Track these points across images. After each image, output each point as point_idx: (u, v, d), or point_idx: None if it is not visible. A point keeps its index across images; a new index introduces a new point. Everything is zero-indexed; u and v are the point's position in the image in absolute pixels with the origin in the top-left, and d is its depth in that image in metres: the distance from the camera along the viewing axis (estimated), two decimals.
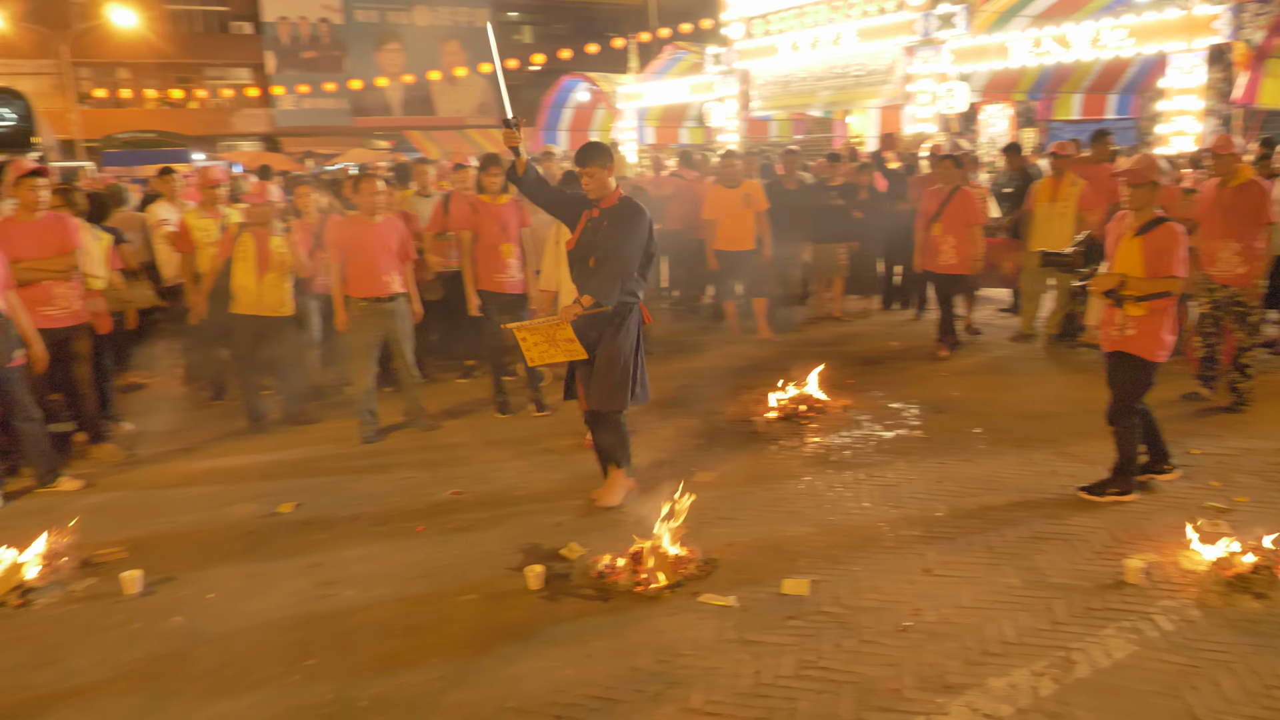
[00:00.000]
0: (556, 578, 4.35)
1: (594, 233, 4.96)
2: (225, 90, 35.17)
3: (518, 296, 6.92)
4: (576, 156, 5.08)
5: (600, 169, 4.94)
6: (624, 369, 5.03)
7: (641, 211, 4.97)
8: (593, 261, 4.95)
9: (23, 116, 16.48)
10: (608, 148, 5.10)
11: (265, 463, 6.22)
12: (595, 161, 4.93)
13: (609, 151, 5.03)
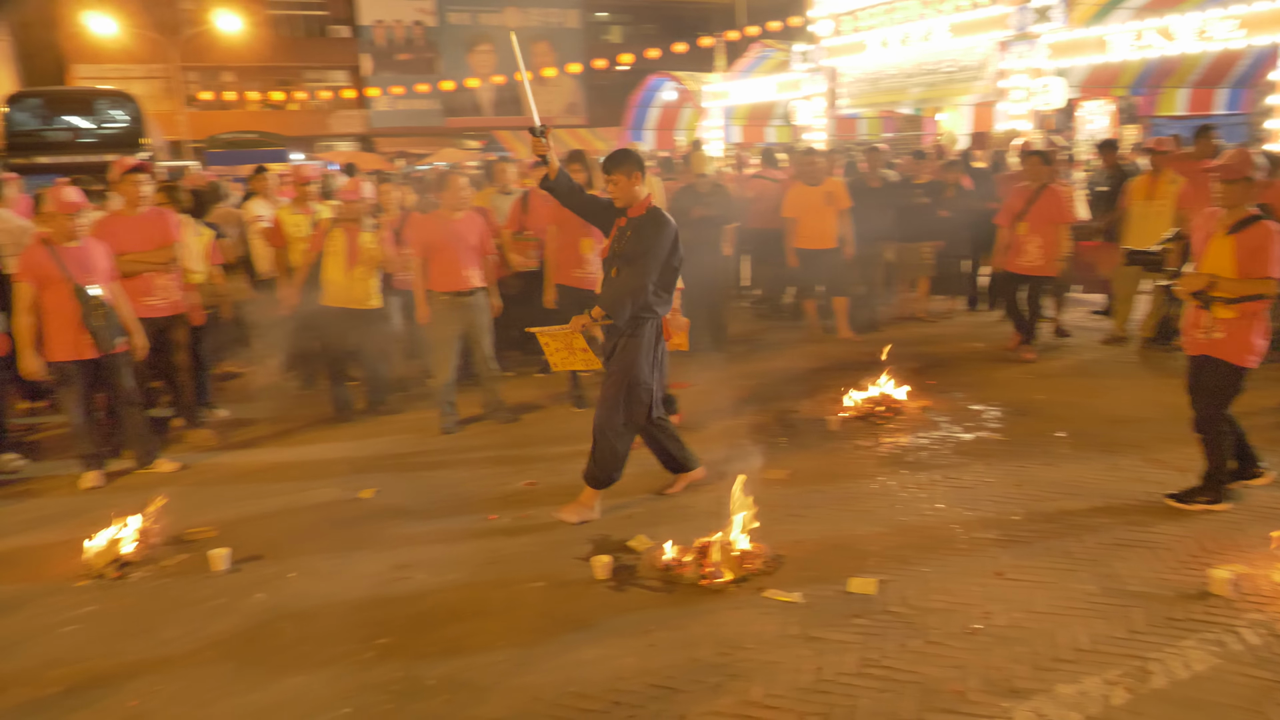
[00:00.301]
0: (623, 569, 4.40)
1: (619, 242, 4.89)
2: (323, 92, 36.34)
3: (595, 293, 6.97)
4: (604, 163, 4.96)
5: (625, 177, 4.81)
6: (629, 386, 4.92)
7: (664, 223, 4.82)
8: (614, 271, 4.90)
9: (134, 118, 17.35)
10: (635, 155, 4.93)
11: (349, 450, 6.43)
12: (620, 169, 4.82)
13: (636, 159, 4.90)
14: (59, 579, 4.52)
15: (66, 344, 5.68)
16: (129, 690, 3.55)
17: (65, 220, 5.65)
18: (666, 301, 4.98)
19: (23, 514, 5.46)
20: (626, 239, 4.85)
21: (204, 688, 3.57)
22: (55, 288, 5.62)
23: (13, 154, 16.02)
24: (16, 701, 3.52)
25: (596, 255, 6.92)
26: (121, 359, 5.88)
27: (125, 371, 5.92)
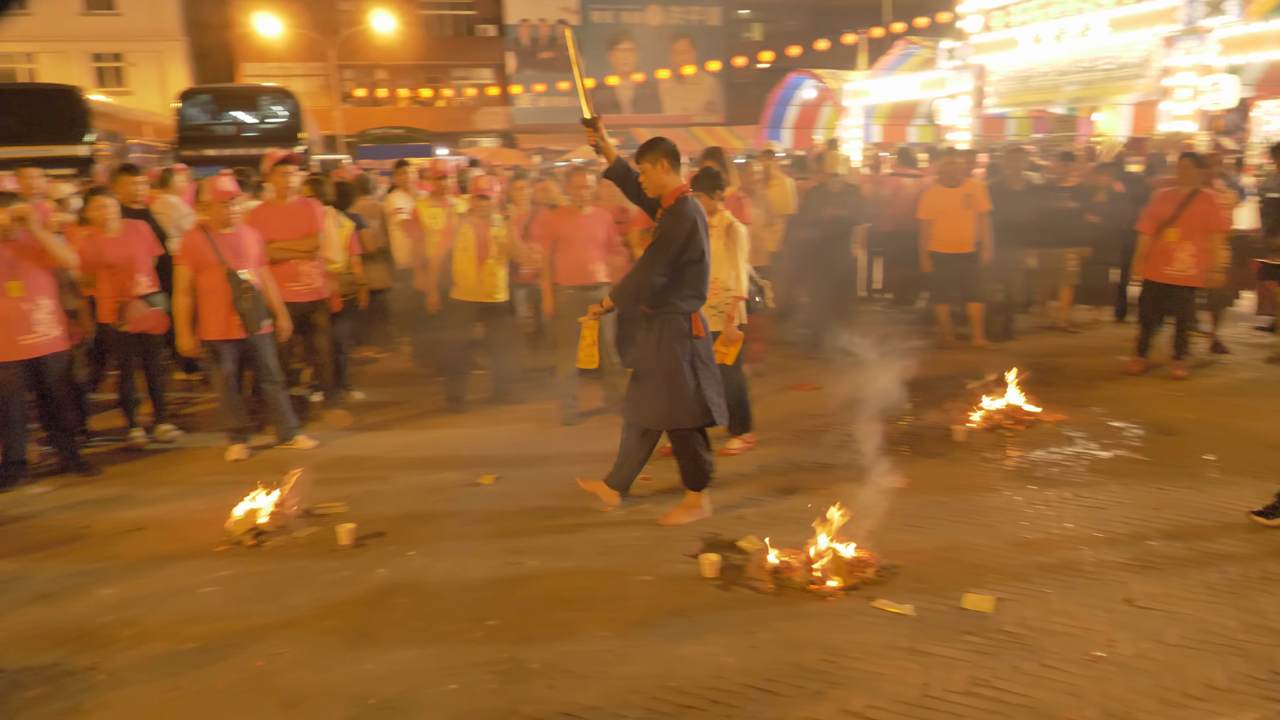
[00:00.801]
0: (731, 568, 4.38)
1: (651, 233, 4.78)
2: (469, 89, 37.48)
3: None
4: (635, 152, 4.83)
5: (651, 165, 4.68)
6: (664, 384, 4.79)
7: (680, 216, 4.64)
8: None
9: (293, 114, 18.37)
10: (667, 145, 4.74)
11: (472, 437, 6.63)
12: (646, 158, 4.69)
13: (666, 148, 4.71)
14: (203, 543, 4.84)
15: (219, 324, 6.08)
16: (256, 650, 3.77)
17: (220, 208, 6.04)
18: (691, 298, 4.79)
19: (174, 482, 5.87)
20: (655, 230, 4.77)
21: (323, 653, 3.75)
22: (210, 271, 6.01)
23: (183, 146, 17.24)
24: (158, 653, 3.78)
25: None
26: (267, 340, 6.24)
27: (270, 352, 6.28)
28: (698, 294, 4.80)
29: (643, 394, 4.91)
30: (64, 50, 32.82)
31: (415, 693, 3.46)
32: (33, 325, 5.68)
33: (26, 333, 5.66)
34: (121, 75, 33.98)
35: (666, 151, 4.69)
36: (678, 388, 4.79)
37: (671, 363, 4.79)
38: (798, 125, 26.30)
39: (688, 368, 4.79)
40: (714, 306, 5.77)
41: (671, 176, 4.73)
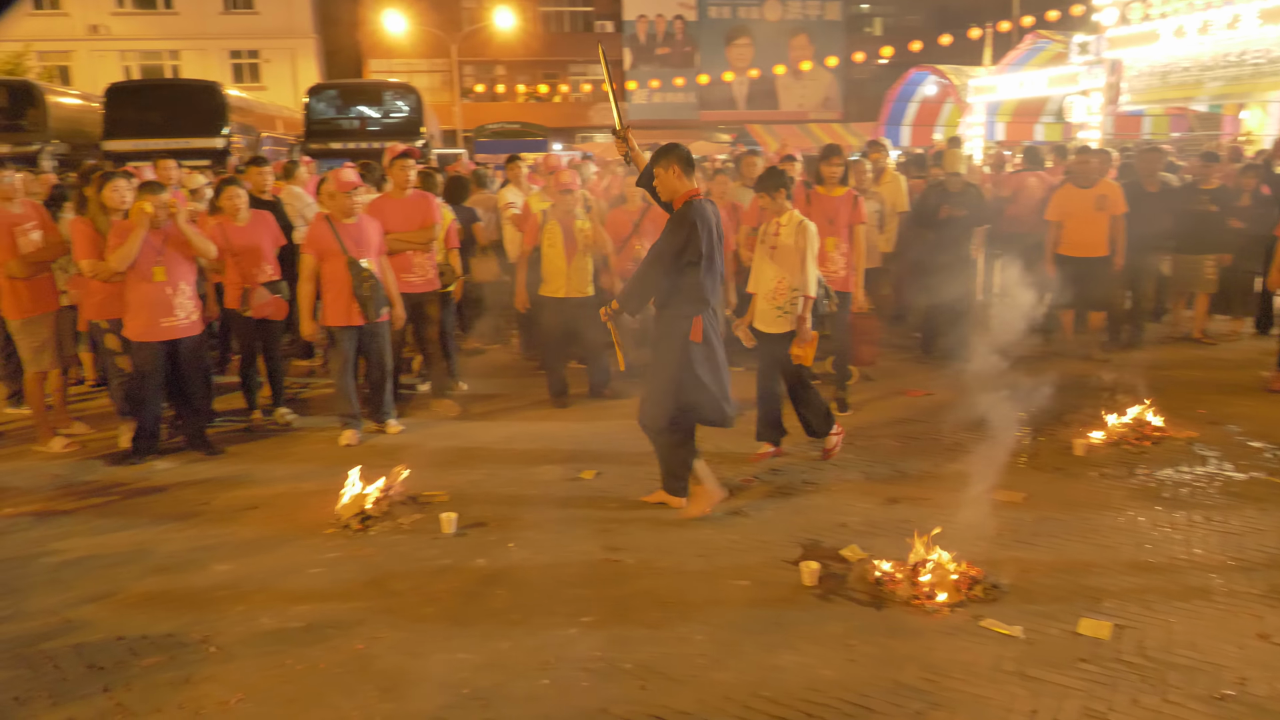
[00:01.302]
0: (832, 577, 4.26)
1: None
2: (585, 85, 37.87)
3: (839, 294, 6.74)
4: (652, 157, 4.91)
5: (664, 170, 4.79)
6: (662, 385, 4.88)
7: (681, 220, 4.71)
8: None
9: (414, 109, 18.88)
10: (679, 150, 4.84)
11: (575, 431, 6.66)
12: (660, 163, 4.80)
13: (678, 154, 4.80)
14: (312, 525, 4.99)
15: (339, 311, 6.29)
16: (358, 633, 3.86)
17: (344, 199, 6.23)
18: (693, 302, 4.81)
19: (289, 464, 6.08)
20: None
21: (421, 640, 3.81)
22: (333, 259, 6.22)
23: (310, 139, 17.93)
24: (266, 629, 3.92)
25: (841, 254, 6.72)
26: (383, 328, 6.42)
27: (384, 340, 6.46)
28: (699, 297, 4.82)
29: (646, 390, 5.09)
30: (205, 47, 34.62)
31: (508, 685, 3.48)
32: (174, 309, 5.98)
33: (167, 315, 5.96)
34: (257, 71, 35.63)
35: (679, 158, 4.81)
36: (659, 389, 4.92)
37: (662, 365, 4.91)
38: (917, 122, 25.59)
39: (677, 372, 4.85)
40: (781, 307, 5.73)
41: (683, 181, 4.82)
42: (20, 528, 5.08)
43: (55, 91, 19.32)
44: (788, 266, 5.67)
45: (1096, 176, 8.42)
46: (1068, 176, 8.79)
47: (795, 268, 5.63)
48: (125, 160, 11.70)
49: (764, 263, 5.80)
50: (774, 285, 5.73)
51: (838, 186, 6.71)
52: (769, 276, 5.75)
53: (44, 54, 31.92)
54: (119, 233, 5.81)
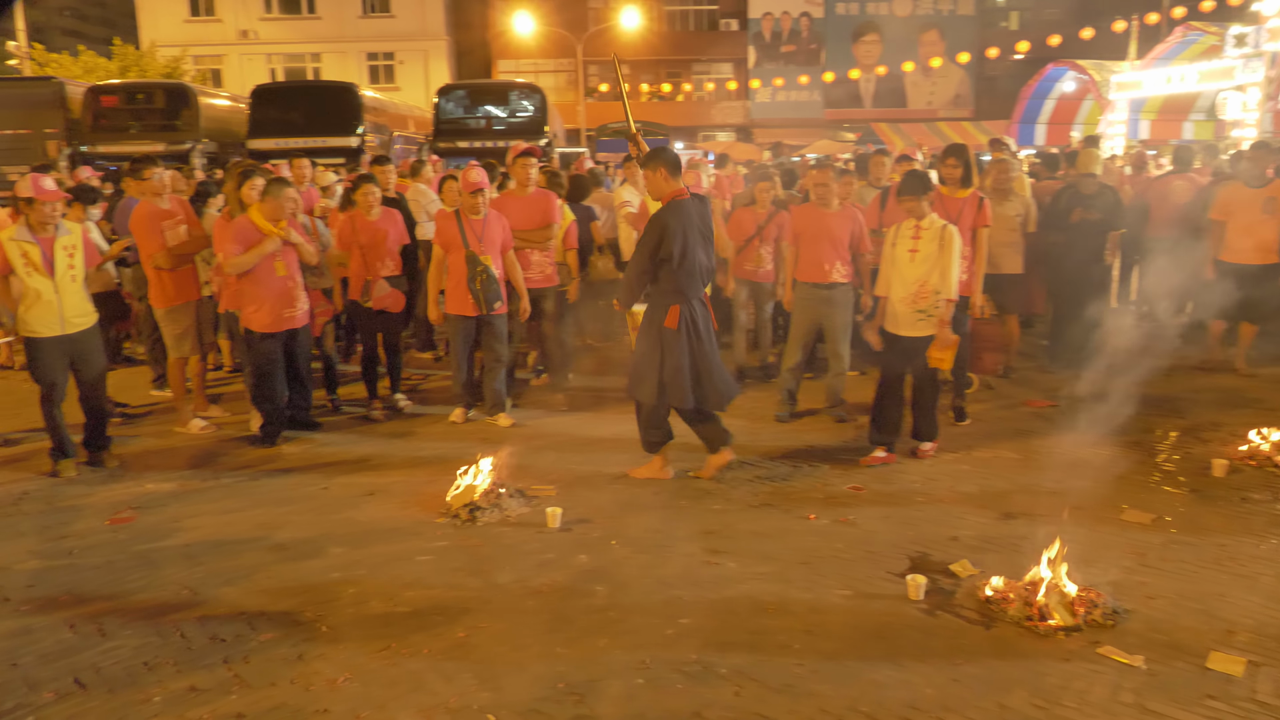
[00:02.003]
0: (939, 592, 4.12)
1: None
2: (708, 84, 37.80)
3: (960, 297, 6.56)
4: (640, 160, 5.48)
5: (652, 173, 5.24)
6: (644, 362, 5.38)
7: (657, 219, 5.19)
8: None
9: (538, 108, 19.22)
10: (666, 154, 5.30)
11: (684, 429, 6.62)
12: (649, 166, 5.27)
13: (665, 158, 5.25)
14: (424, 514, 5.14)
15: (457, 300, 6.57)
16: (461, 622, 3.95)
17: (469, 197, 6.46)
18: (669, 293, 5.28)
19: (405, 453, 6.27)
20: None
21: (522, 632, 3.87)
22: (456, 252, 6.49)
23: (439, 138, 18.47)
24: (375, 613, 4.05)
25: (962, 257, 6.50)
26: (498, 321, 6.65)
27: (499, 332, 6.71)
28: (674, 289, 5.28)
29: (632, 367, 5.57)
30: (344, 50, 36.19)
31: (602, 682, 3.50)
32: (294, 301, 6.28)
33: (289, 307, 6.27)
34: (392, 72, 36.99)
35: (666, 161, 5.27)
36: (642, 364, 5.41)
37: (645, 344, 5.40)
38: (1053, 120, 24.49)
39: (658, 352, 5.33)
40: (923, 310, 5.66)
41: (669, 183, 5.26)
42: (158, 504, 5.41)
43: (206, 93, 20.50)
44: (930, 270, 5.61)
45: (1270, 176, 7.85)
46: (1234, 174, 8.20)
47: (937, 271, 5.59)
48: (267, 158, 12.33)
49: (901, 265, 5.73)
50: (914, 289, 5.67)
51: (960, 188, 6.50)
52: (908, 279, 5.69)
53: (199, 58, 33.96)
54: (238, 236, 6.12)
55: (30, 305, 5.68)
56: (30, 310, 5.69)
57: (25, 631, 3.95)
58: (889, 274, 5.83)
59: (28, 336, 5.76)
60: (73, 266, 5.81)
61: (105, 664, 3.67)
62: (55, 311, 5.73)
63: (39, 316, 5.71)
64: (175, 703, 3.40)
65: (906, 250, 5.70)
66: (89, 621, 4.01)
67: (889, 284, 5.83)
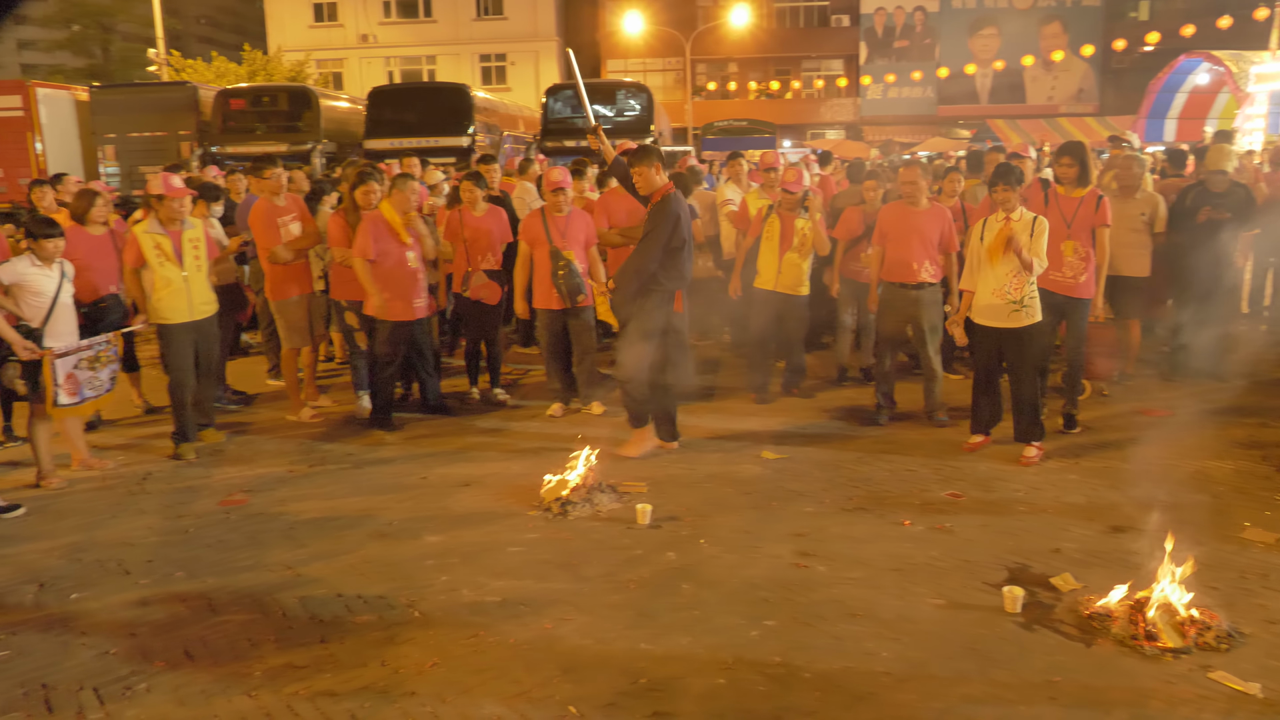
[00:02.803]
0: (1038, 606, 3.97)
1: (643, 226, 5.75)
2: (817, 81, 37.30)
3: (1074, 300, 6.25)
4: (630, 158, 5.76)
5: (646, 168, 5.71)
6: (646, 343, 5.72)
7: (666, 211, 5.62)
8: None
9: (645, 107, 19.31)
10: (655, 150, 5.80)
11: (778, 430, 6.57)
12: (641, 162, 5.71)
13: (656, 152, 5.78)
14: (517, 506, 5.23)
15: (542, 294, 6.80)
16: (547, 613, 4.00)
17: (550, 195, 6.72)
18: (675, 279, 5.75)
19: (501, 444, 6.40)
20: (645, 223, 5.73)
21: (607, 626, 3.89)
22: (540, 248, 6.69)
23: (546, 138, 18.75)
24: (465, 601, 4.14)
25: (1079, 258, 6.24)
26: (584, 313, 6.83)
27: (584, 325, 6.85)
28: (680, 275, 5.77)
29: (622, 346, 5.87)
30: (459, 52, 37.12)
31: (684, 680, 3.49)
32: (421, 291, 6.64)
33: (418, 297, 6.64)
34: (504, 74, 37.75)
35: (659, 156, 5.78)
36: (642, 345, 5.75)
37: (646, 323, 5.73)
38: (1184, 115, 23.24)
39: (658, 334, 5.75)
40: (1019, 301, 5.66)
41: (661, 177, 5.75)
42: (267, 487, 5.66)
43: (327, 96, 21.32)
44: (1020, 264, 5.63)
45: None
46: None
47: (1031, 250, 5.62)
48: (382, 158, 12.75)
49: (994, 257, 5.68)
50: (1008, 280, 5.66)
51: (1077, 187, 6.25)
52: (1001, 272, 5.66)
53: (321, 62, 35.37)
54: (373, 231, 6.41)
55: (162, 293, 6.06)
56: (162, 298, 6.07)
57: (143, 604, 4.18)
58: (976, 268, 5.83)
59: (160, 324, 6.12)
60: (198, 258, 6.20)
61: (212, 637, 3.86)
62: (184, 299, 6.11)
63: (170, 304, 6.09)
64: (274, 677, 3.55)
65: (1000, 242, 5.66)
66: (200, 597, 4.22)
67: (975, 278, 5.83)
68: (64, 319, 5.75)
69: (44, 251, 5.63)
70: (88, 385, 5.77)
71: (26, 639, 3.90)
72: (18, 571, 4.57)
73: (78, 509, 5.40)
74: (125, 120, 18.52)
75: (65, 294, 5.75)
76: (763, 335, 7.27)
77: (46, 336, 5.62)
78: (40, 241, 5.63)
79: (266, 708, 3.36)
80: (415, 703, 3.37)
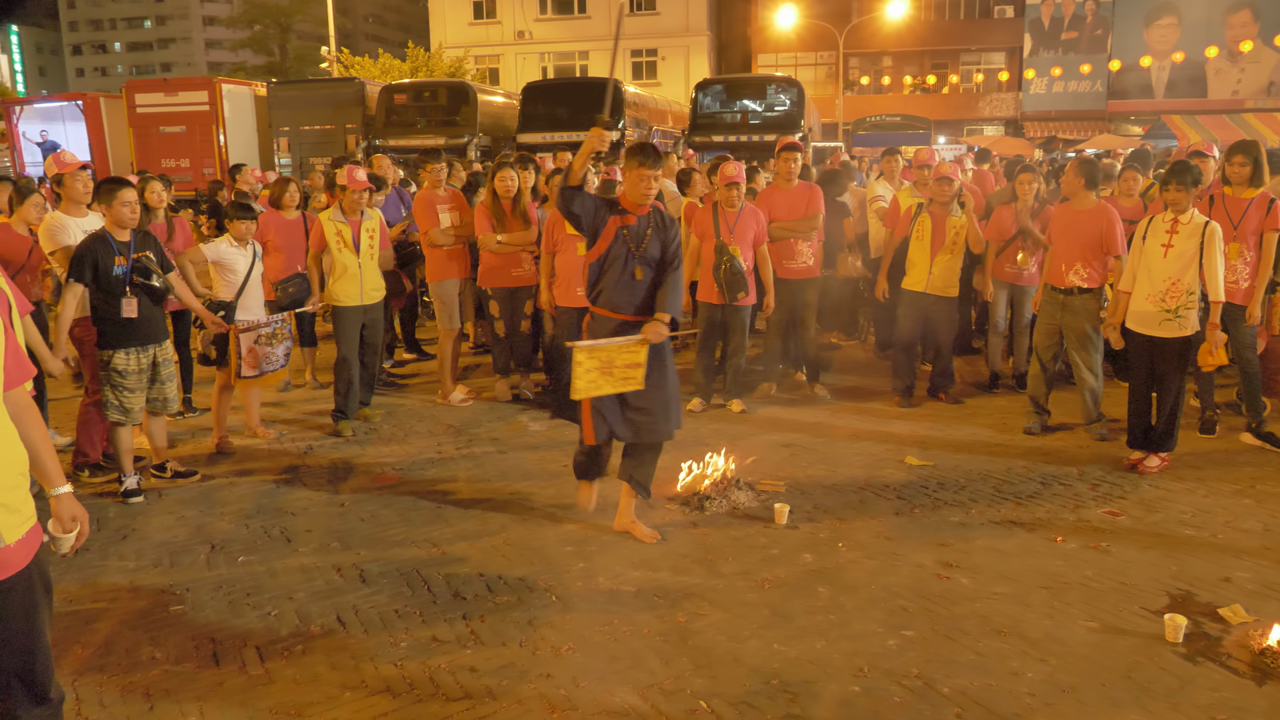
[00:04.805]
0: (1203, 637, 3.72)
1: (636, 243, 4.51)
2: (977, 75, 35.93)
3: (1236, 307, 5.91)
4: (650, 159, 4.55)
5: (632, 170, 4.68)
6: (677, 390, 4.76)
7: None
8: (639, 273, 4.54)
9: (795, 102, 19.07)
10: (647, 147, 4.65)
11: (925, 435, 6.39)
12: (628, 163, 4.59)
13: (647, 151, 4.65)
14: (656, 497, 5.24)
15: (706, 288, 6.83)
16: (683, 606, 4.02)
17: (724, 190, 6.71)
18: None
19: None
20: (648, 239, 4.54)
21: (741, 623, 3.89)
22: (708, 242, 6.73)
23: (694, 132, 18.78)
24: (601, 589, 4.21)
25: (1244, 262, 5.87)
26: (741, 310, 6.81)
27: (739, 323, 6.84)
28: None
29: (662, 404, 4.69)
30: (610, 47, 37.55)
31: (818, 684, 3.44)
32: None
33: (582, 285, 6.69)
34: (655, 68, 38.05)
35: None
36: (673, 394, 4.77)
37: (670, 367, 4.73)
38: None
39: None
40: (1172, 310, 5.41)
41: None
42: (418, 467, 5.91)
43: (484, 90, 22.02)
44: (1184, 268, 5.35)
45: None
46: None
47: (1193, 270, 5.35)
48: (536, 151, 13.07)
49: (1152, 260, 5.46)
50: (1164, 286, 5.40)
51: (1247, 188, 5.86)
52: (1158, 276, 5.41)
53: (479, 58, 36.56)
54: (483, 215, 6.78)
55: (338, 278, 6.44)
56: (338, 282, 6.45)
57: (302, 570, 4.45)
58: (1135, 268, 5.55)
59: (335, 306, 6.50)
60: (372, 246, 6.57)
61: (363, 607, 4.07)
62: (358, 284, 6.48)
63: (345, 289, 6.46)
64: (419, 650, 3.71)
65: (1159, 244, 5.41)
66: (353, 568, 4.46)
67: (1134, 279, 5.56)
68: (254, 295, 6.24)
69: (237, 232, 6.10)
70: (266, 360, 6.20)
71: (200, 595, 4.21)
72: (193, 533, 4.94)
73: (246, 478, 5.79)
74: (298, 114, 19.67)
75: (256, 272, 6.22)
76: (910, 337, 7.08)
77: (238, 310, 6.08)
78: (235, 223, 6.11)
79: (410, 677, 3.52)
80: (551, 685, 3.46)
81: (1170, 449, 5.62)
